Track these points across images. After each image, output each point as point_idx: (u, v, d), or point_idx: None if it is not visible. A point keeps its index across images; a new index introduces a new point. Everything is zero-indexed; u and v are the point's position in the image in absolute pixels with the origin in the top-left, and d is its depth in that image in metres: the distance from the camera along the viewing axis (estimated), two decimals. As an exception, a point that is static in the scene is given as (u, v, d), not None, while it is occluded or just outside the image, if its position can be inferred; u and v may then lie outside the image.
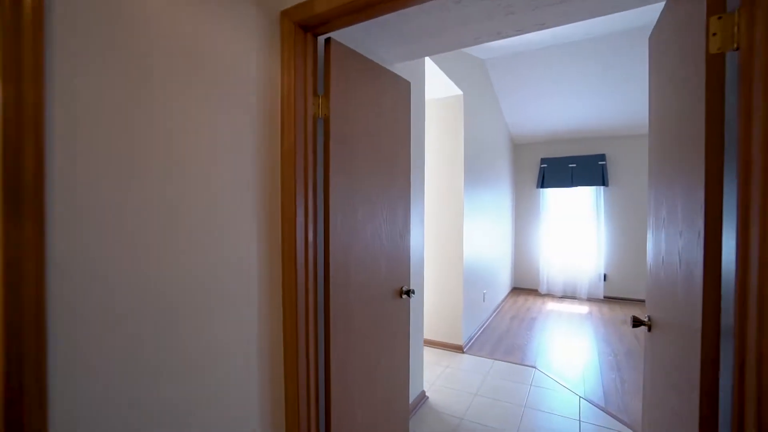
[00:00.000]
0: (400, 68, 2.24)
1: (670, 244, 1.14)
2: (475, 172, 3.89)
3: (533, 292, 6.21)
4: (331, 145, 1.40)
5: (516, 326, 4.33)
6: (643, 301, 5.43)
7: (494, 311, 4.87)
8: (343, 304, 1.46)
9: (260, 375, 1.22)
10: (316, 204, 1.39)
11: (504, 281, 5.57)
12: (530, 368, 3.16)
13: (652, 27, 3.39)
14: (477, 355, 3.44)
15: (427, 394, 2.68)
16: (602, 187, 5.64)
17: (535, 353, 3.50)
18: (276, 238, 1.29)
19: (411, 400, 2.46)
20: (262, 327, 1.23)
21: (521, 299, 5.71)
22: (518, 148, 6.33)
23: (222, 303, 1.09)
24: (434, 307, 3.64)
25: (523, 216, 6.33)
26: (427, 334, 3.67)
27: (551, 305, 5.38)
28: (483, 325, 4.28)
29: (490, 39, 1.79)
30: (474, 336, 3.89)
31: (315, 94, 1.41)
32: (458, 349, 3.50)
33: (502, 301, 5.47)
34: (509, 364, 3.25)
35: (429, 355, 3.41)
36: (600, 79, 4.25)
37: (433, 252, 3.65)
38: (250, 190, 1.19)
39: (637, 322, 1.43)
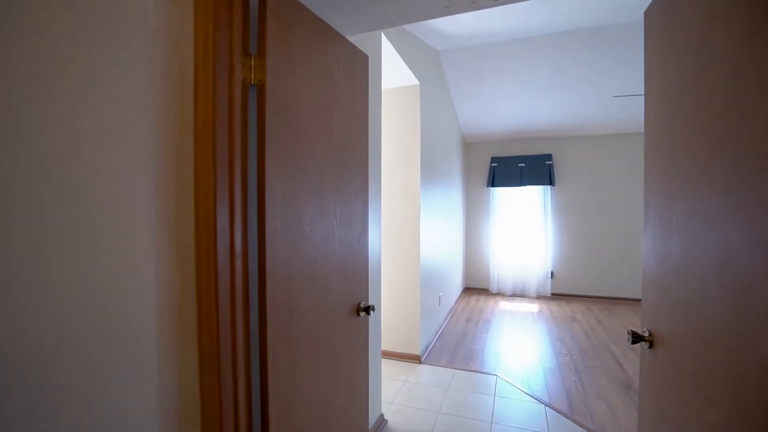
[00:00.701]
0: (355, 42, 1.91)
1: (694, 250, 0.93)
2: (430, 168, 3.67)
3: (484, 291, 6.20)
4: (268, 120, 1.03)
5: (472, 329, 4.20)
6: (587, 296, 5.62)
7: (449, 314, 4.72)
8: (286, 335, 1.09)
9: (160, 453, 0.82)
10: (246, 200, 1.01)
11: (456, 282, 5.46)
12: (492, 376, 2.99)
13: (602, 28, 3.41)
14: (436, 364, 3.21)
15: (386, 417, 2.37)
16: (549, 187, 5.75)
17: (494, 358, 3.35)
18: (188, 250, 0.90)
19: (369, 426, 2.14)
20: (166, 387, 0.83)
21: (473, 300, 5.64)
22: (469, 146, 6.28)
23: (87, 366, 0.69)
24: (390, 315, 3.36)
25: (473, 215, 6.29)
26: (383, 345, 3.37)
27: (503, 305, 5.36)
28: (439, 330, 4.09)
29: (463, 9, 1.52)
30: (431, 343, 3.67)
31: (245, 52, 1.03)
32: (416, 359, 3.25)
33: (456, 302, 5.35)
34: (470, 372, 3.05)
35: (385, 368, 3.12)
36: (550, 80, 4.25)
37: (389, 255, 3.36)
38: (146, 182, 0.79)
39: (636, 338, 1.23)
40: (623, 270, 5.47)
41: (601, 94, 4.46)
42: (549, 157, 5.66)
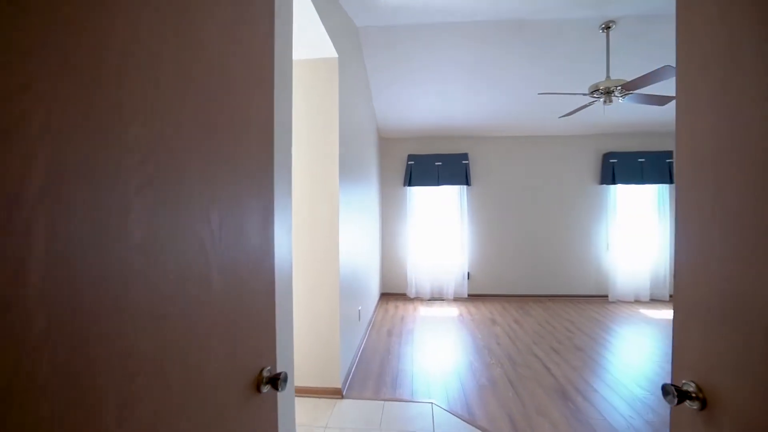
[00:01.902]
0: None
1: None
2: (349, 163, 3.12)
3: (402, 296, 5.88)
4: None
5: (395, 344, 3.76)
6: (501, 296, 5.68)
7: (368, 327, 4.22)
8: None
9: None
10: None
11: (374, 289, 5.01)
12: (426, 404, 2.56)
13: (529, 22, 3.25)
14: (361, 397, 2.67)
15: (301, 493, 1.74)
16: (465, 186, 5.68)
17: (425, 379, 2.94)
18: None
19: None
20: None
21: (392, 307, 5.25)
22: (385, 142, 5.90)
23: None
24: (303, 342, 2.70)
25: (390, 216, 5.93)
26: (295, 381, 2.69)
27: (423, 310, 5.08)
28: (360, 349, 3.55)
29: None
30: (352, 368, 3.11)
31: None
32: (336, 393, 2.66)
33: (374, 312, 4.89)
34: (401, 403, 2.58)
35: (299, 410, 2.46)
36: (473, 74, 4.06)
37: (301, 267, 2.71)
38: None
39: (682, 396, 0.86)
40: (532, 269, 5.66)
41: (521, 94, 4.44)
42: (465, 156, 5.58)
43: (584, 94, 3.34)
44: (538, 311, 4.95)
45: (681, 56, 0.86)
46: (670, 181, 5.34)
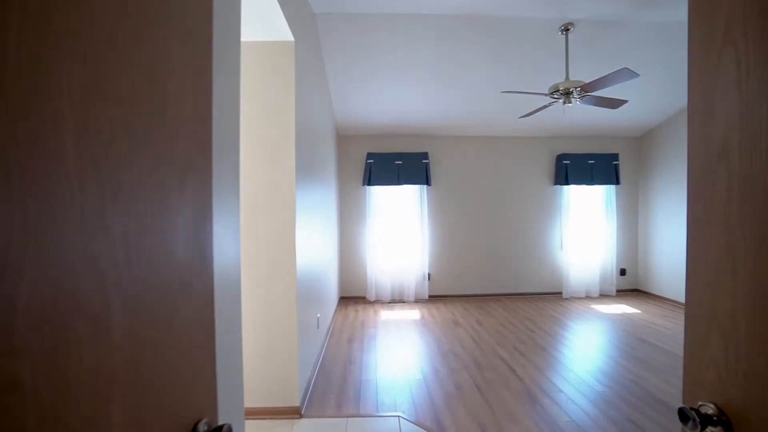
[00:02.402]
0: None
1: None
2: (306, 159, 2.87)
3: (361, 300, 5.68)
4: None
5: (357, 351, 3.56)
6: (461, 296, 5.67)
7: (327, 335, 3.98)
8: None
9: None
10: None
11: (333, 294, 4.77)
12: (393, 418, 2.39)
13: (495, 19, 3.14)
14: (322, 415, 2.44)
15: None
16: (426, 186, 5.60)
17: (390, 389, 2.77)
18: None
19: None
20: None
21: (351, 312, 5.04)
22: (343, 139, 5.68)
23: None
24: (257, 359, 2.42)
25: (348, 216, 5.71)
26: (247, 402, 2.40)
27: (384, 314, 4.92)
28: (319, 360, 3.31)
29: None
30: (311, 382, 2.87)
31: None
32: (294, 413, 2.40)
33: (333, 318, 4.65)
34: (367, 418, 2.39)
35: (250, 436, 2.19)
36: (434, 70, 3.96)
37: (253, 277, 2.42)
38: None
39: (704, 420, 0.75)
40: (491, 268, 5.72)
41: (483, 93, 4.42)
42: (426, 155, 5.50)
43: (545, 94, 3.36)
44: (498, 311, 4.97)
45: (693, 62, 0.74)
46: (617, 182, 5.62)
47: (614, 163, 5.62)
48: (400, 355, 3.46)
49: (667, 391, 2.74)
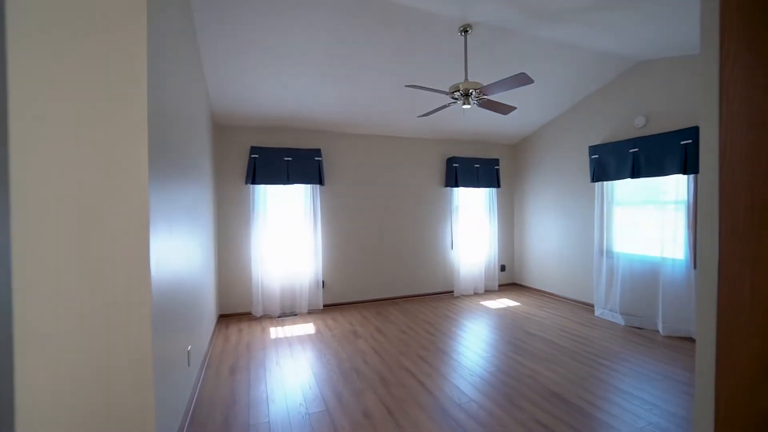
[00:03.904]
0: None
1: None
2: (167, 155, 2.15)
3: (246, 316, 4.91)
4: None
5: (242, 385, 2.92)
6: (356, 302, 5.37)
7: (203, 369, 3.21)
8: None
9: None
10: None
11: (209, 313, 3.94)
12: (292, 474, 1.91)
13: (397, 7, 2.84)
14: (193, 492, 1.80)
15: None
16: (318, 186, 5.14)
17: (287, 430, 2.27)
18: None
19: None
20: None
21: (234, 332, 4.27)
22: (222, 130, 4.82)
23: None
24: (88, 423, 1.63)
25: (229, 219, 4.88)
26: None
27: (273, 331, 4.29)
28: (191, 406, 2.57)
29: None
30: (179, 440, 2.16)
31: None
32: (151, 498, 1.70)
33: (210, 344, 3.83)
34: (258, 484, 1.85)
35: None
36: (329, 58, 3.56)
37: (75, 310, 1.63)
38: None
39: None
40: (386, 271, 5.57)
41: (380, 89, 4.17)
42: (318, 152, 5.04)
43: (446, 93, 3.27)
44: (396, 315, 4.82)
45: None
46: (498, 185, 6.08)
47: (495, 167, 6.07)
48: (295, 383, 2.95)
49: (558, 381, 2.88)
